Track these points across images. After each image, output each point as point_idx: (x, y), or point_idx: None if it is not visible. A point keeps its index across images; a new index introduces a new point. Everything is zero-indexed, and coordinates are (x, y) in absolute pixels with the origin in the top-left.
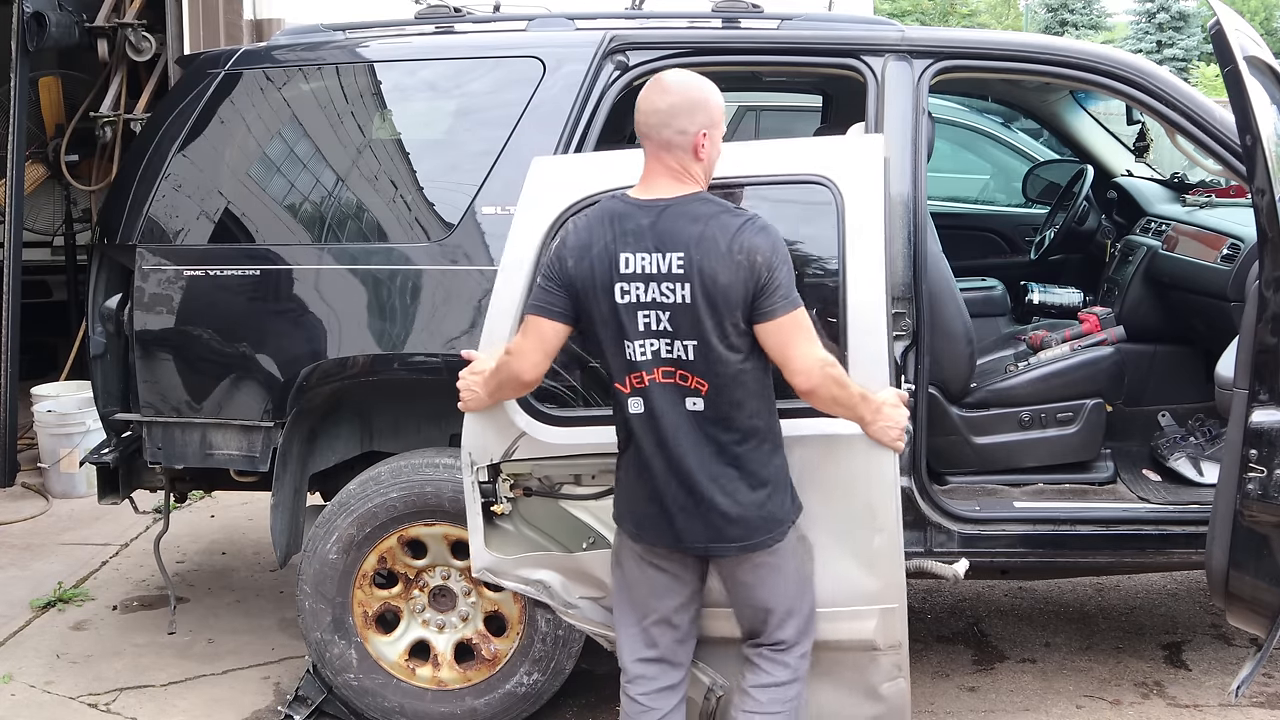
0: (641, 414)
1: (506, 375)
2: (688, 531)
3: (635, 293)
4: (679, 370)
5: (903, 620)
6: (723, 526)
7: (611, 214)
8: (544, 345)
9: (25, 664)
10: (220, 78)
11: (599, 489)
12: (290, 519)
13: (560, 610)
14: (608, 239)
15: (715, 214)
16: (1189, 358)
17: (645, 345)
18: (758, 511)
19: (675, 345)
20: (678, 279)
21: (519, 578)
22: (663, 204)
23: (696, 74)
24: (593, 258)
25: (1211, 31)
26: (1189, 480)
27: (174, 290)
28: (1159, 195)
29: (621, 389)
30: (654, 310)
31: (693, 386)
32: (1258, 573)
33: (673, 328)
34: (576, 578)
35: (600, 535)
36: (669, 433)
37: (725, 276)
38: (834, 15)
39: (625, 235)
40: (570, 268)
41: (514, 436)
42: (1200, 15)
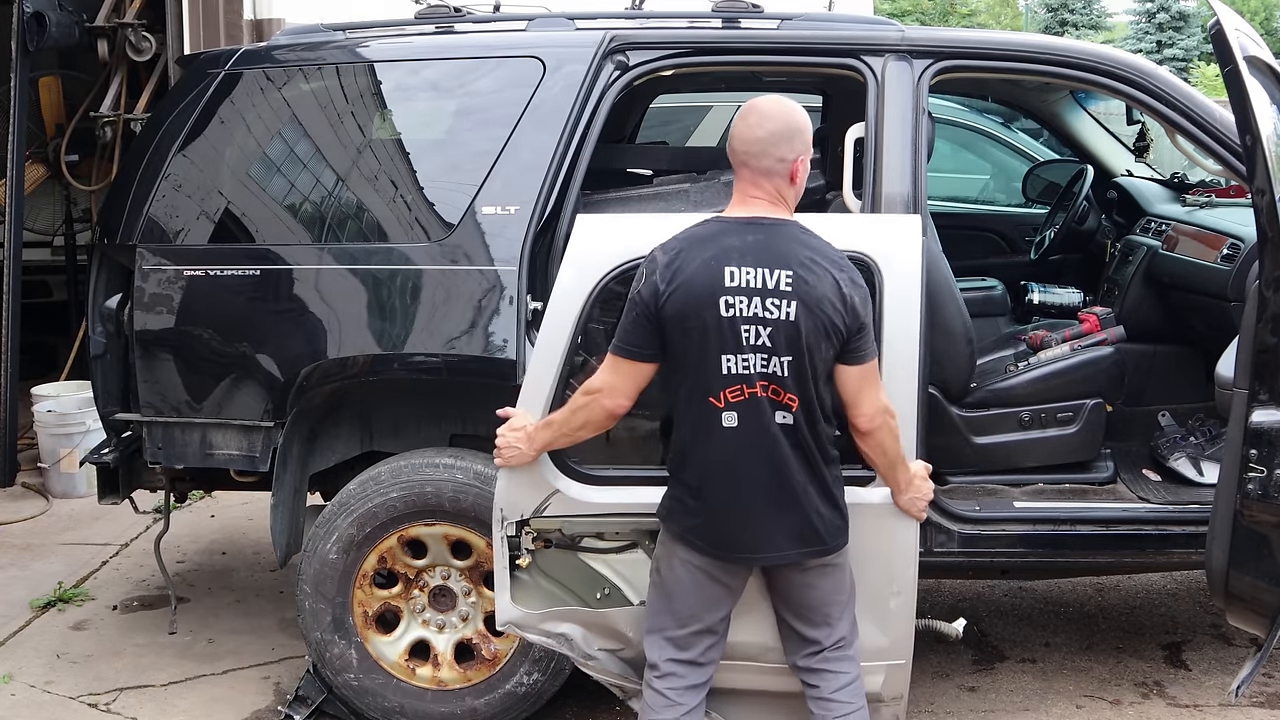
0: (735, 428)
1: (596, 414)
2: (770, 542)
3: (739, 306)
4: (773, 385)
5: (907, 674)
6: (808, 536)
7: (708, 233)
8: (636, 382)
9: (25, 664)
10: (220, 78)
11: (620, 543)
12: (290, 519)
13: (579, 661)
14: (707, 255)
15: (821, 245)
16: (1189, 358)
17: (744, 359)
18: (835, 520)
19: (772, 361)
20: (784, 295)
21: (542, 631)
22: (766, 222)
23: (788, 99)
24: (690, 275)
25: (1211, 31)
26: (1189, 480)
27: (174, 290)
28: (1159, 195)
29: (715, 403)
30: (755, 325)
31: (784, 401)
32: (1258, 573)
33: (771, 343)
34: (598, 631)
35: (615, 587)
36: (763, 446)
37: (830, 307)
38: (834, 15)
39: (729, 251)
40: (663, 290)
41: (547, 494)
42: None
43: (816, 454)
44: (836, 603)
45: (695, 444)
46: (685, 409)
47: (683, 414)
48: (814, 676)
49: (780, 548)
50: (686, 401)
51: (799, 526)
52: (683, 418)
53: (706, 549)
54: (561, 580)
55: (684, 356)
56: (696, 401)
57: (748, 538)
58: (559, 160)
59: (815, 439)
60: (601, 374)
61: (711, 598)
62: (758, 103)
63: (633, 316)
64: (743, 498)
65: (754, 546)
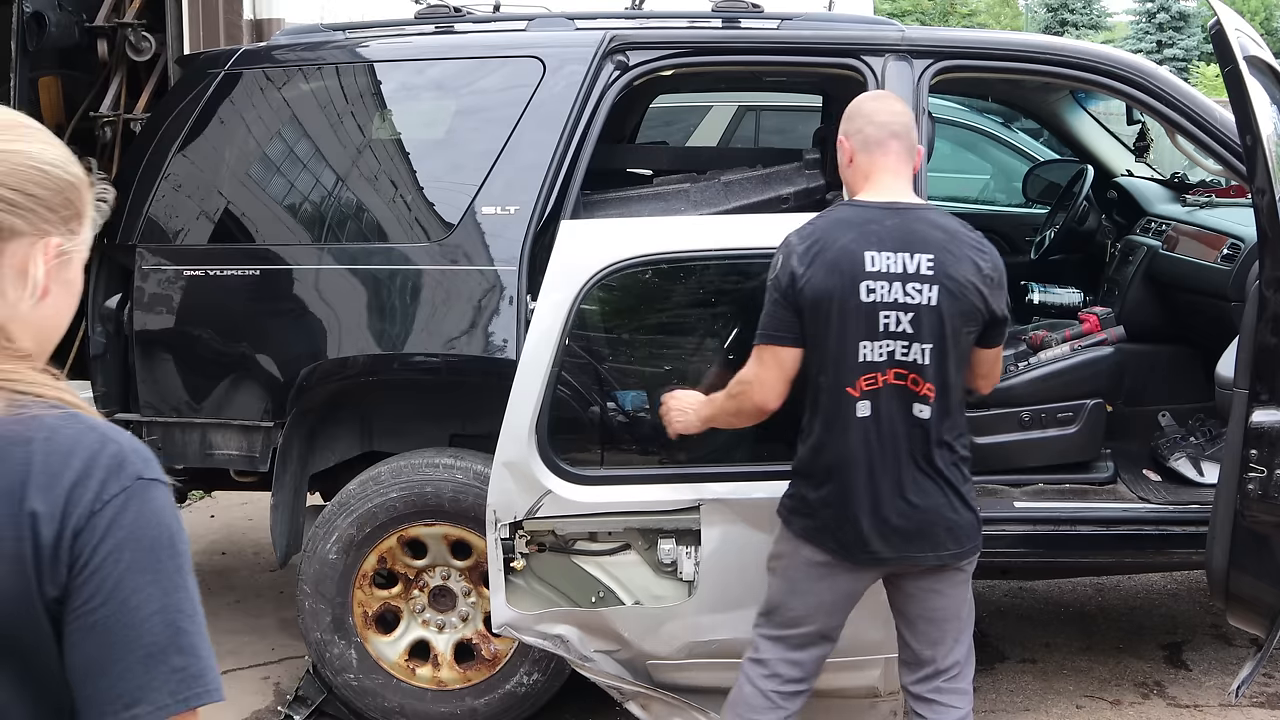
0: (869, 418)
1: (745, 405)
2: (910, 541)
3: (879, 291)
4: (911, 374)
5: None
6: (944, 538)
7: (846, 217)
8: (784, 372)
9: None
10: (220, 78)
11: (613, 545)
12: (290, 519)
13: (575, 664)
14: (846, 240)
15: (961, 229)
16: (1189, 358)
17: (882, 346)
18: (970, 520)
19: (912, 348)
20: (926, 280)
21: (538, 633)
22: (903, 206)
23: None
24: (830, 260)
25: (1211, 31)
26: (1189, 480)
27: (174, 290)
28: (1159, 195)
29: (851, 392)
30: (896, 311)
31: (923, 392)
32: (1258, 573)
33: (913, 329)
34: (594, 632)
35: (609, 590)
36: (901, 439)
37: (974, 292)
38: (834, 15)
39: (868, 235)
40: (801, 274)
41: (539, 495)
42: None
43: (952, 448)
44: (958, 619)
45: (828, 437)
46: (818, 400)
47: (816, 405)
48: (923, 706)
49: (917, 549)
50: (820, 392)
51: (936, 526)
52: (816, 409)
53: (836, 549)
54: (556, 584)
55: (821, 344)
56: (831, 391)
57: (880, 536)
58: (559, 160)
59: (951, 431)
60: (749, 366)
61: (834, 601)
62: (883, 93)
63: (773, 301)
64: (878, 495)
65: (883, 545)
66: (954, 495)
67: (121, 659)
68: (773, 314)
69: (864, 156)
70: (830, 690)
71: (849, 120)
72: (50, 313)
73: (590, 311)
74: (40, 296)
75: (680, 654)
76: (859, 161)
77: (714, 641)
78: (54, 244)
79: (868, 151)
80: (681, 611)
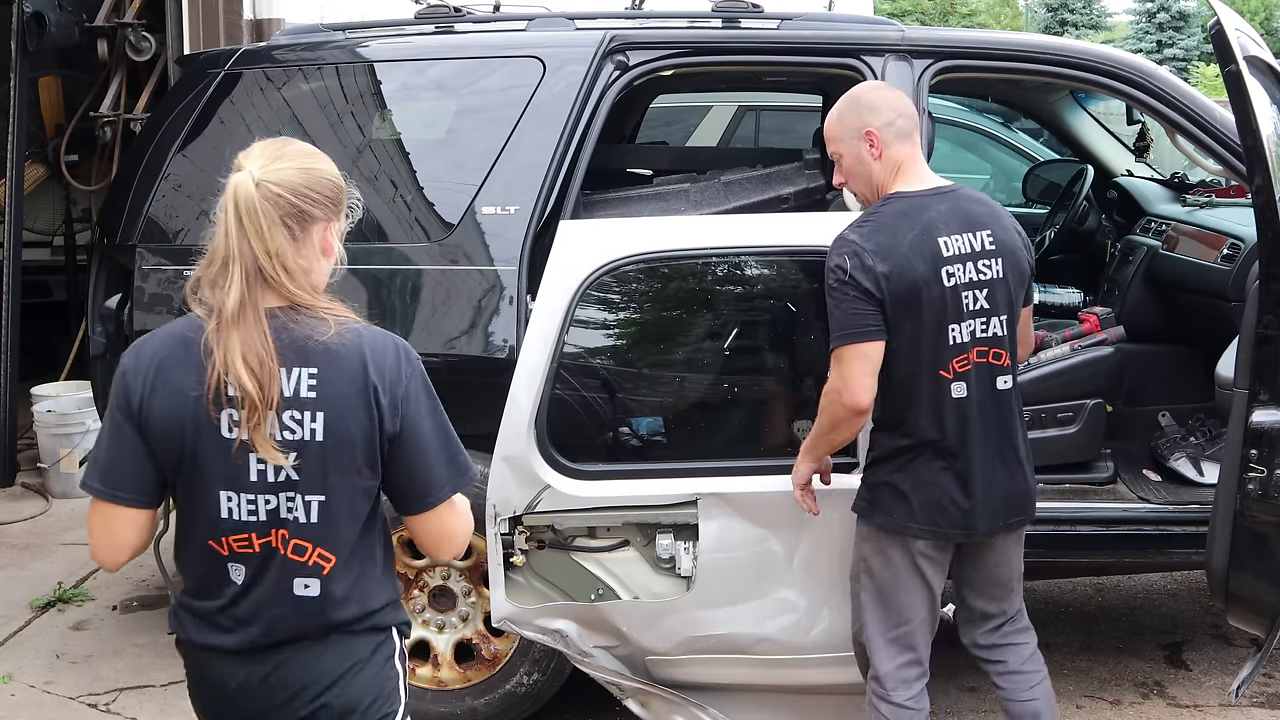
0: (965, 398)
1: (839, 413)
2: (995, 513)
3: (958, 274)
4: (992, 349)
5: None
6: (1024, 503)
7: (904, 209)
8: (872, 366)
9: (25, 664)
10: (220, 78)
11: (612, 541)
12: None
13: (575, 659)
14: (915, 231)
15: (990, 199)
16: (1189, 358)
17: (968, 326)
18: (1034, 483)
19: (991, 322)
20: (991, 254)
21: (537, 627)
22: (946, 189)
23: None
24: (906, 253)
25: (1211, 31)
26: (1189, 480)
27: (174, 290)
28: (1159, 195)
29: (945, 375)
30: (973, 289)
31: (1004, 364)
32: (1258, 573)
33: (989, 304)
34: (593, 627)
35: (609, 588)
36: (990, 413)
37: (1022, 256)
38: (834, 15)
39: (934, 222)
40: (882, 272)
41: (538, 490)
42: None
43: (1021, 415)
44: (1019, 571)
45: (926, 422)
46: (912, 388)
47: (908, 393)
48: (998, 652)
49: (1002, 517)
50: (914, 380)
51: (1017, 493)
52: (908, 397)
53: (933, 531)
54: (555, 582)
55: (912, 335)
56: (926, 378)
57: (976, 511)
58: (559, 160)
59: (1020, 399)
60: (832, 373)
61: (930, 583)
62: (884, 83)
63: (849, 300)
64: (971, 471)
65: (980, 519)
66: (1027, 461)
67: (427, 461)
68: (851, 312)
69: (898, 148)
70: (825, 686)
71: (872, 113)
72: (326, 268)
73: (588, 309)
74: (326, 257)
75: (678, 649)
76: (892, 153)
77: (711, 636)
78: (331, 226)
79: (901, 142)
80: (679, 606)
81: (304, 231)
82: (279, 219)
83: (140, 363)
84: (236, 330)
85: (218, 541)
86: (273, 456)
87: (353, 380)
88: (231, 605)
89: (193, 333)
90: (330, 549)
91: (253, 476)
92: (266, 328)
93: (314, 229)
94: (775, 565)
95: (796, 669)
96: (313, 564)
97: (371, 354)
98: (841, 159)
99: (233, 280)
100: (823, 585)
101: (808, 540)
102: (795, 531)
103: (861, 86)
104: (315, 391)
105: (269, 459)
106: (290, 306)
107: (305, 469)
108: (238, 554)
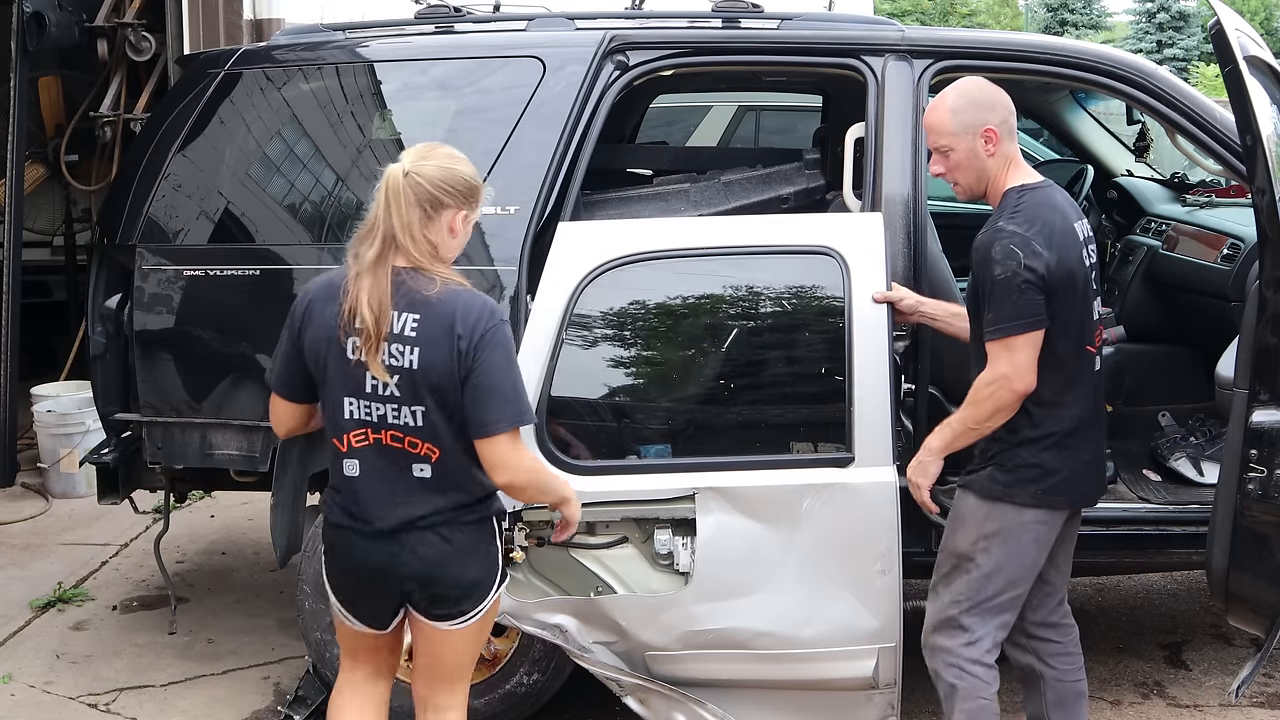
0: (1099, 370)
1: (1006, 399)
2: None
3: (1088, 257)
4: (1100, 326)
5: (899, 659)
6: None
7: (1045, 199)
8: (1037, 351)
9: (25, 664)
10: (220, 78)
11: (611, 538)
12: (290, 519)
13: (574, 654)
14: (1060, 220)
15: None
16: (1189, 358)
17: (1097, 305)
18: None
19: (1097, 301)
20: (1091, 241)
21: (536, 622)
22: (1047, 182)
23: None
24: (1062, 241)
25: (1211, 31)
26: (1189, 480)
27: (174, 290)
28: (1159, 195)
29: (1090, 350)
30: (1092, 272)
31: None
32: (1258, 573)
33: (1096, 286)
34: (592, 622)
35: (608, 585)
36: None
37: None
38: (834, 15)
39: (1067, 210)
40: (1049, 256)
41: None
42: (1200, 15)
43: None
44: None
45: (1075, 396)
46: (1064, 364)
47: (1061, 370)
48: (1056, 632)
49: (1102, 484)
50: (1066, 357)
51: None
52: (1062, 374)
53: (1074, 501)
54: (554, 579)
55: (1069, 316)
56: (1076, 355)
57: (1099, 478)
58: (559, 160)
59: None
60: (1000, 362)
61: (1043, 554)
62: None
63: (1021, 290)
64: (1100, 441)
65: (1100, 486)
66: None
67: (491, 399)
68: (1024, 302)
69: (1008, 144)
70: (824, 681)
71: (991, 110)
72: (455, 245)
73: (586, 307)
74: (453, 236)
75: (677, 644)
76: (1004, 149)
77: (710, 631)
78: (461, 214)
79: (1010, 139)
80: (678, 600)
81: (436, 214)
82: (415, 201)
83: (303, 299)
84: (368, 279)
85: (340, 439)
86: (380, 375)
87: (443, 327)
88: (353, 494)
89: (339, 279)
90: (435, 445)
91: (368, 389)
92: (389, 281)
93: (444, 213)
94: (773, 560)
95: (795, 664)
96: (423, 454)
97: (461, 309)
98: (952, 153)
99: (375, 242)
100: (820, 580)
101: (805, 535)
102: (792, 526)
103: (969, 82)
104: (415, 332)
105: (378, 377)
106: (413, 268)
107: (404, 387)
108: (355, 449)
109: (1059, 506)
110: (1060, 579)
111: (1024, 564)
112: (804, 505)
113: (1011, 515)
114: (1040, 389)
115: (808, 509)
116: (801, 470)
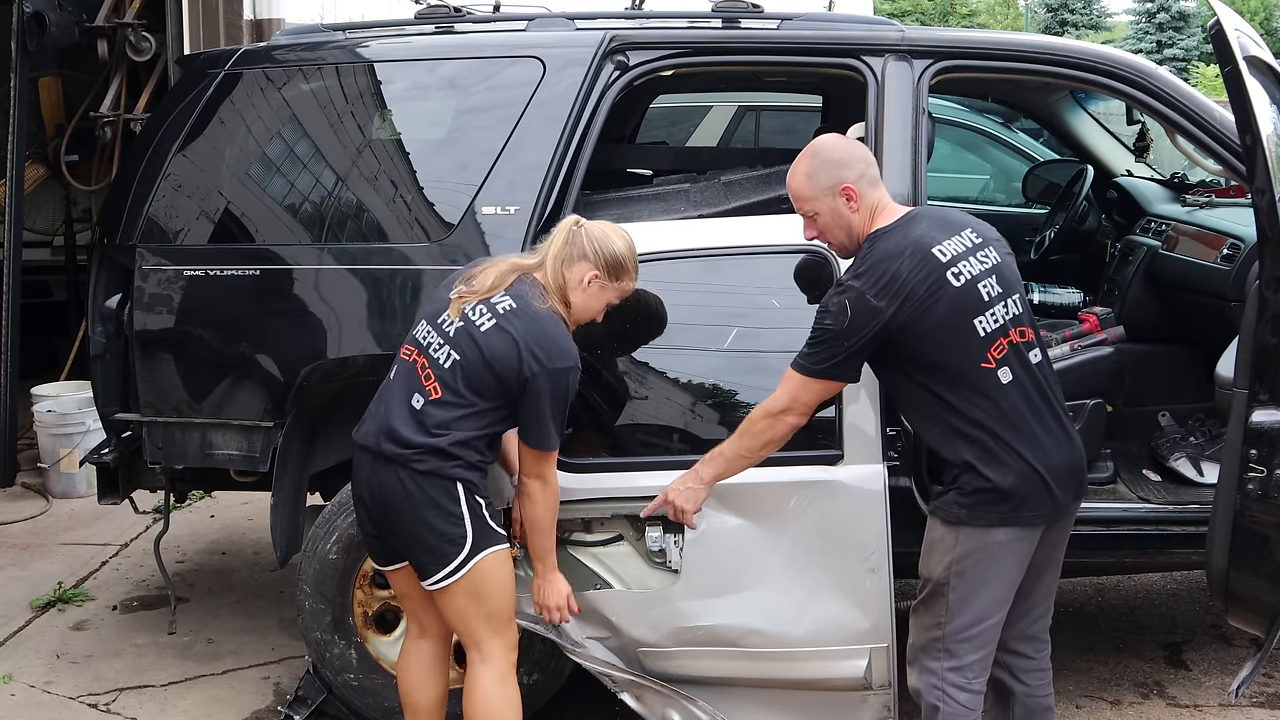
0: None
1: (781, 431)
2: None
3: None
4: (1016, 328)
5: (893, 660)
6: (1082, 473)
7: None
8: (820, 400)
9: (25, 664)
10: (220, 78)
11: (608, 535)
12: (290, 519)
13: (567, 649)
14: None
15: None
16: (1189, 358)
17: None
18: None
19: (1008, 303)
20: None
21: (530, 616)
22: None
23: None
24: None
25: (1211, 31)
26: (1189, 480)
27: (174, 290)
28: (1159, 195)
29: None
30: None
31: (1029, 339)
32: (1258, 573)
33: (1002, 288)
34: (585, 617)
35: (605, 583)
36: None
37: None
38: (834, 15)
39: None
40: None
41: None
42: (1200, 15)
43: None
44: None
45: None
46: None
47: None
48: (1031, 647)
49: (1071, 490)
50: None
51: (1076, 465)
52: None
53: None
54: None
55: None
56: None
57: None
58: (559, 160)
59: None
60: (788, 393)
61: (1019, 575)
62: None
63: (832, 340)
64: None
65: (1059, 495)
66: (1072, 431)
67: (529, 418)
68: (830, 353)
69: (872, 195)
70: (816, 680)
71: (845, 167)
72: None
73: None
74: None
75: (668, 641)
76: (868, 201)
77: (700, 628)
78: (593, 274)
79: (873, 189)
80: (667, 597)
81: (575, 260)
82: (564, 241)
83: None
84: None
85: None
86: (453, 312)
87: (521, 331)
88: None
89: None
90: (443, 388)
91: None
92: (515, 275)
93: (581, 264)
94: (761, 557)
95: (786, 662)
96: (428, 389)
97: (543, 331)
98: (818, 216)
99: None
100: (810, 578)
101: (794, 532)
102: (781, 523)
103: (821, 142)
104: (499, 310)
105: (451, 314)
106: (541, 284)
107: (460, 337)
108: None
109: (1029, 524)
110: (1043, 594)
111: (1001, 585)
112: (792, 502)
113: (979, 537)
114: (951, 417)
115: (795, 506)
116: (790, 467)
